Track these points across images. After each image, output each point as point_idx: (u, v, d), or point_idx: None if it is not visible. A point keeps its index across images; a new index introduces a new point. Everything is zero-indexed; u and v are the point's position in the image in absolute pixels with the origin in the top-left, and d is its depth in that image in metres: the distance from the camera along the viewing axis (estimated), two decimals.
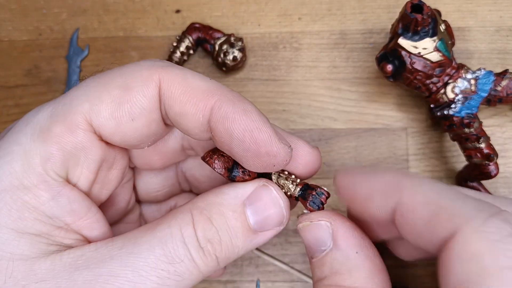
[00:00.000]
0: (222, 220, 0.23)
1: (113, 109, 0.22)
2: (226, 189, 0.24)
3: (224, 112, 0.22)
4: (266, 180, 0.25)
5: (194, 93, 0.22)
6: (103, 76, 0.23)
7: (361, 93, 0.39)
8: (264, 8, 0.41)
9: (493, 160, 0.33)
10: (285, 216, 0.25)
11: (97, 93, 0.22)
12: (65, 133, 0.22)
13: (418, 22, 0.31)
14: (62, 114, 0.22)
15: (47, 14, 0.43)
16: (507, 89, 0.34)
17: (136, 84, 0.22)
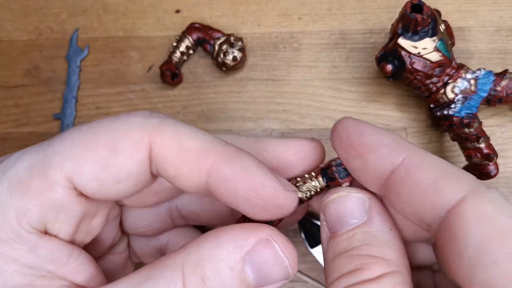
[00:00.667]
0: (218, 280, 0.21)
1: (97, 171, 0.21)
2: (224, 240, 0.21)
3: (223, 175, 0.21)
4: (271, 232, 0.22)
5: (188, 155, 0.21)
6: (90, 131, 0.22)
7: (361, 93, 0.39)
8: (264, 8, 0.41)
9: (493, 160, 0.33)
10: (291, 273, 0.22)
11: (82, 152, 0.21)
12: (43, 189, 0.21)
13: (418, 22, 0.31)
14: (43, 167, 0.21)
15: (47, 14, 0.43)
16: (507, 89, 0.34)
17: (125, 146, 0.21)
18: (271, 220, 0.23)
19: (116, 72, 0.41)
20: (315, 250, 0.36)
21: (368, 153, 0.21)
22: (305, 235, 0.36)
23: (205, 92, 0.40)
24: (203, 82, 0.40)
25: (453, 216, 0.19)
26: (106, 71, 0.41)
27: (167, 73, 0.39)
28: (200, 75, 0.40)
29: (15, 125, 0.41)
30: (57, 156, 0.21)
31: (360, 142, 0.22)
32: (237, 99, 0.40)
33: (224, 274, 0.21)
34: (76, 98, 0.41)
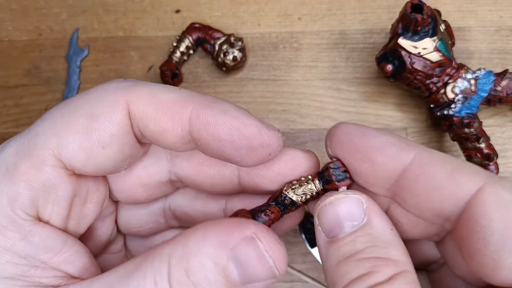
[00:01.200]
0: (201, 274, 0.21)
1: (81, 140, 0.21)
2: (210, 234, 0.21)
3: (204, 119, 0.21)
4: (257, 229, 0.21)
5: (167, 107, 0.21)
6: (67, 106, 0.22)
7: (361, 93, 0.39)
8: (264, 8, 0.41)
9: (493, 160, 0.33)
10: (277, 273, 0.22)
11: (63, 125, 0.21)
12: (31, 170, 0.21)
13: (418, 22, 0.31)
14: (28, 150, 0.21)
15: (47, 14, 0.43)
16: (507, 89, 0.34)
17: (102, 110, 0.21)
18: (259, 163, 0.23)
19: (116, 72, 0.41)
20: (315, 250, 0.36)
21: (376, 154, 0.21)
22: (305, 235, 0.36)
23: (205, 92, 0.40)
24: (203, 82, 0.40)
25: (474, 205, 0.19)
26: (106, 71, 0.41)
27: (167, 73, 0.39)
28: (200, 75, 0.40)
29: (15, 125, 0.41)
30: (40, 136, 0.21)
31: (366, 144, 0.21)
32: (237, 99, 0.40)
33: (209, 269, 0.21)
34: None
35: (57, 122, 0.21)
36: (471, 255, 0.19)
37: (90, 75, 0.41)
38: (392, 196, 0.22)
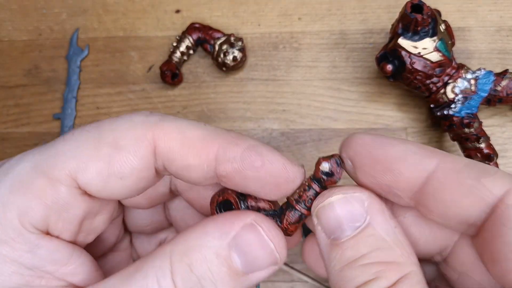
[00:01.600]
0: (204, 267, 0.21)
1: (101, 168, 0.21)
2: (210, 228, 0.22)
3: (231, 157, 0.21)
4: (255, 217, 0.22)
5: (194, 144, 0.22)
6: (93, 130, 0.22)
7: (361, 93, 0.39)
8: (264, 8, 0.41)
9: (493, 160, 0.33)
10: (278, 258, 0.22)
11: (85, 150, 0.21)
12: (46, 187, 0.21)
13: (418, 22, 0.31)
14: (46, 167, 0.21)
15: (47, 14, 0.43)
16: (507, 89, 0.34)
17: (127, 143, 0.22)
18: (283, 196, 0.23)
19: (116, 72, 0.41)
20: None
21: (398, 164, 0.20)
22: (305, 235, 0.36)
23: (205, 92, 0.40)
24: (203, 82, 0.40)
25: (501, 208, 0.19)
26: (106, 71, 0.41)
27: (167, 73, 0.39)
28: (200, 75, 0.40)
29: (15, 125, 0.41)
30: (60, 156, 0.21)
31: (387, 155, 0.21)
32: (237, 99, 0.40)
33: (211, 261, 0.21)
34: (76, 98, 0.41)
35: (80, 146, 0.22)
36: (495, 259, 0.19)
37: (90, 75, 0.41)
38: (415, 205, 0.21)
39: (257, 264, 0.22)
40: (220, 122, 0.39)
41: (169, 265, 0.21)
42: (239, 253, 0.21)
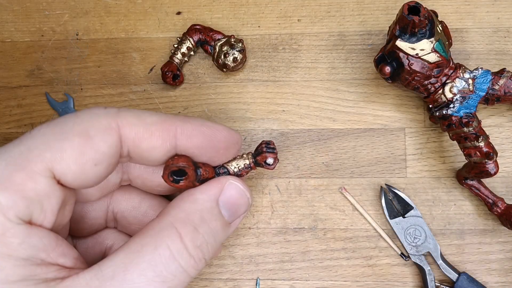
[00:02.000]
0: (206, 226, 0.26)
1: (76, 156, 0.23)
2: (197, 194, 0.27)
3: (189, 133, 0.27)
4: (230, 177, 0.29)
5: (155, 127, 0.26)
6: (59, 125, 0.24)
7: (360, 93, 0.39)
8: (264, 10, 0.41)
9: (492, 158, 0.33)
10: (250, 203, 0.29)
11: (58, 142, 0.23)
12: (27, 181, 0.22)
13: (415, 23, 0.31)
14: (21, 163, 0.22)
15: (49, 15, 0.43)
16: (505, 87, 0.34)
17: (97, 132, 0.24)
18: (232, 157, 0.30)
19: (117, 73, 0.41)
20: (393, 221, 0.37)
21: None
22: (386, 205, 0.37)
23: (205, 93, 0.40)
24: (204, 83, 0.41)
25: None
26: (108, 72, 0.41)
27: (169, 74, 0.39)
28: (201, 76, 0.41)
29: (17, 125, 0.41)
30: (34, 150, 0.23)
31: None
32: (237, 100, 0.40)
33: (209, 220, 0.26)
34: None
35: (51, 139, 0.23)
36: None
37: (92, 76, 0.41)
38: None
39: (238, 212, 0.29)
40: (221, 123, 0.40)
41: (176, 232, 0.25)
42: (226, 208, 0.28)
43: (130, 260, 0.23)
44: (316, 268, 0.37)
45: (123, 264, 0.23)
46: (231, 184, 0.28)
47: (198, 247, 0.25)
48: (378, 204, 0.38)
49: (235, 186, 0.28)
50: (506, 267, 0.37)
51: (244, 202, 0.29)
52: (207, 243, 0.26)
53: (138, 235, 0.25)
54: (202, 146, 0.28)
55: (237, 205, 0.29)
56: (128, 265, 0.23)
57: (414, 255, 0.36)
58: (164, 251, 0.24)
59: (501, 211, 0.35)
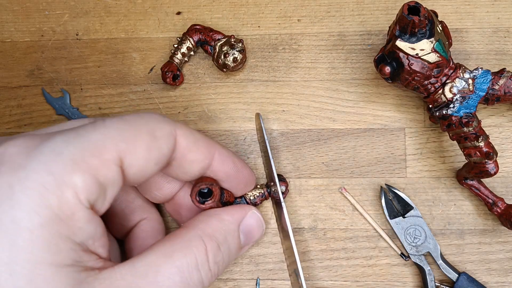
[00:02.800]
0: (226, 245, 0.29)
1: (145, 152, 0.25)
2: (224, 215, 0.31)
3: (224, 158, 0.31)
4: (253, 208, 0.33)
5: (202, 144, 0.29)
6: (130, 120, 0.25)
7: (360, 93, 0.39)
8: (264, 10, 0.41)
9: (492, 158, 0.33)
10: (263, 234, 0.35)
11: (131, 135, 0.24)
12: (101, 167, 0.23)
13: (415, 24, 0.31)
14: (97, 148, 0.23)
15: (49, 15, 0.43)
16: (505, 87, 0.34)
17: (163, 134, 0.26)
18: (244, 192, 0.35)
19: (117, 73, 0.41)
20: (392, 221, 0.37)
21: None
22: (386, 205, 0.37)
23: (205, 93, 0.40)
24: (203, 83, 0.41)
25: None
26: (108, 72, 0.41)
27: (169, 74, 0.39)
28: (201, 76, 0.41)
29: (17, 125, 0.41)
30: (109, 139, 0.24)
31: None
32: (237, 100, 0.40)
33: (230, 241, 0.30)
34: None
35: (125, 131, 0.24)
36: None
37: (92, 76, 0.41)
38: None
39: (252, 239, 0.33)
40: (221, 123, 0.40)
41: (203, 245, 0.27)
42: (244, 233, 0.32)
43: (162, 262, 0.26)
44: (316, 268, 0.37)
45: (155, 265, 0.25)
46: (253, 213, 0.33)
47: (216, 263, 0.28)
48: (378, 204, 0.38)
49: (256, 217, 0.33)
50: (506, 267, 0.37)
51: (259, 232, 0.34)
52: (223, 261, 0.29)
53: (168, 240, 0.27)
54: (230, 174, 0.31)
55: (254, 233, 0.33)
56: (160, 266, 0.25)
57: (414, 255, 0.36)
58: (192, 260, 0.26)
59: (501, 211, 0.35)
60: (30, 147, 0.22)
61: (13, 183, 0.21)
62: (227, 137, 0.40)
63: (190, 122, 0.40)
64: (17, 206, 0.20)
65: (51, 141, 0.23)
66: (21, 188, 0.21)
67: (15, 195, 0.20)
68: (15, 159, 0.22)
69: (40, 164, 0.21)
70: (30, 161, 0.21)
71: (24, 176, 0.21)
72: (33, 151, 0.22)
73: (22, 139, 0.23)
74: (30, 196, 0.21)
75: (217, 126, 0.40)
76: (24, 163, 0.21)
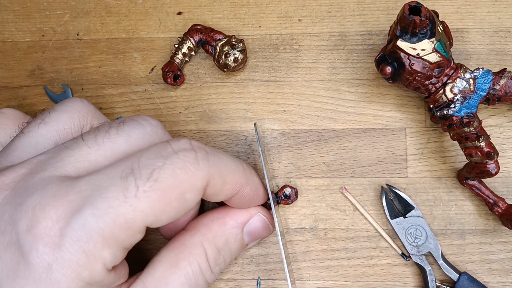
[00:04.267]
0: (227, 248, 0.30)
1: (171, 218, 0.25)
2: (227, 219, 0.31)
3: (245, 197, 0.30)
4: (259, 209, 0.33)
5: (228, 188, 0.28)
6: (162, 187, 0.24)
7: (360, 94, 0.39)
8: (265, 10, 0.41)
9: (493, 158, 0.33)
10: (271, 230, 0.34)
11: (161, 208, 0.24)
12: (130, 239, 0.24)
13: (416, 24, 0.31)
14: (127, 224, 0.23)
15: (50, 15, 0.43)
16: (506, 87, 0.34)
17: (192, 195, 0.25)
18: None
19: (118, 73, 0.41)
20: (393, 221, 0.36)
21: None
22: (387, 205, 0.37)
23: (206, 93, 0.40)
24: (204, 83, 0.41)
25: None
26: (109, 72, 0.41)
27: (170, 74, 0.39)
28: (201, 76, 0.41)
29: None
30: (138, 213, 0.23)
31: None
32: (238, 100, 0.40)
33: (232, 243, 0.31)
34: None
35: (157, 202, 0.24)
36: None
37: (92, 76, 0.41)
38: None
39: (258, 238, 0.33)
40: (222, 123, 0.40)
41: (204, 251, 0.29)
42: (248, 234, 0.32)
43: (170, 273, 0.27)
44: (317, 268, 0.37)
45: (164, 278, 0.27)
46: (259, 216, 0.33)
47: (218, 265, 0.30)
48: (379, 204, 0.38)
49: (262, 219, 0.33)
50: (507, 267, 0.37)
51: (265, 233, 0.34)
52: (225, 261, 0.30)
53: (171, 249, 0.29)
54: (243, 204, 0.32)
55: (259, 234, 0.33)
56: (168, 278, 0.27)
57: (415, 255, 0.36)
58: (196, 267, 0.28)
59: (502, 211, 0.35)
60: (61, 221, 0.23)
61: (52, 264, 0.22)
62: (228, 137, 0.40)
63: (190, 122, 0.40)
64: (56, 284, 0.22)
65: (81, 215, 0.23)
66: (58, 267, 0.22)
67: (53, 274, 0.22)
68: (51, 239, 0.22)
69: (73, 245, 0.22)
70: (65, 242, 0.22)
71: (61, 256, 0.22)
72: (65, 228, 0.23)
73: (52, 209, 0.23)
74: (66, 274, 0.22)
75: (217, 126, 0.40)
76: (60, 242, 0.22)
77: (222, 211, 0.32)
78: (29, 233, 0.22)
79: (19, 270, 0.22)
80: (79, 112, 0.30)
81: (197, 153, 0.25)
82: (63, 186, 0.24)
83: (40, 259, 0.22)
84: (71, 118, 0.29)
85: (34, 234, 0.22)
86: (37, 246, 0.22)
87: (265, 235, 0.34)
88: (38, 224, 0.22)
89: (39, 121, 0.29)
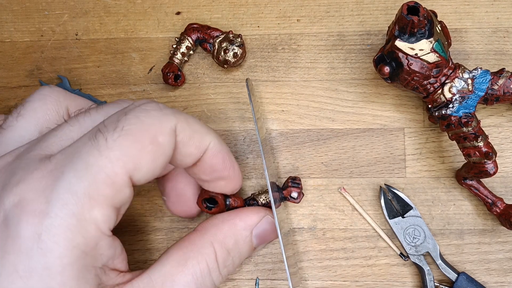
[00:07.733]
0: (237, 249, 0.30)
1: (151, 164, 0.24)
2: (237, 220, 0.31)
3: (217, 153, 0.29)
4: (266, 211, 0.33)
5: (197, 138, 0.27)
6: (131, 132, 0.24)
7: (359, 93, 0.39)
8: (263, 10, 0.41)
9: (492, 158, 0.33)
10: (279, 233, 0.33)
11: (137, 153, 0.24)
12: (115, 193, 0.23)
13: (415, 24, 0.31)
14: (109, 177, 0.23)
15: (49, 15, 0.43)
16: (504, 87, 0.34)
17: (165, 138, 0.25)
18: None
19: (117, 73, 0.41)
20: (392, 221, 0.37)
21: None
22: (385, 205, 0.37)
23: (205, 93, 0.40)
24: (203, 83, 0.41)
25: None
26: (108, 72, 0.41)
27: (170, 75, 0.39)
28: (200, 76, 0.41)
29: None
30: (117, 163, 0.23)
31: None
32: (236, 100, 0.40)
33: (241, 245, 0.31)
34: None
35: (130, 148, 0.24)
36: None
37: (91, 76, 0.41)
38: None
39: (266, 242, 0.33)
40: (220, 123, 0.40)
41: (214, 252, 0.29)
42: (257, 237, 0.32)
43: (177, 271, 0.27)
44: (316, 268, 0.38)
45: (171, 275, 0.27)
46: (267, 219, 0.33)
47: (226, 266, 0.30)
48: (377, 204, 0.38)
49: (271, 222, 0.33)
50: (506, 267, 0.37)
51: (273, 236, 0.33)
52: (233, 264, 0.30)
53: (181, 247, 0.29)
54: (216, 169, 0.30)
55: (268, 237, 0.33)
56: (175, 276, 0.27)
57: (413, 255, 0.36)
58: (204, 267, 0.28)
59: (500, 211, 0.35)
60: (46, 189, 0.22)
61: (41, 232, 0.21)
62: (227, 137, 0.40)
63: None
64: (48, 254, 0.22)
65: (64, 179, 0.23)
66: (49, 235, 0.22)
67: (44, 243, 0.21)
68: (37, 207, 0.22)
69: (61, 209, 0.22)
70: (52, 207, 0.22)
71: (50, 223, 0.22)
72: (51, 195, 0.22)
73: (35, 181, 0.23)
74: (58, 242, 0.22)
75: (216, 126, 0.40)
76: (47, 209, 0.22)
77: (232, 213, 0.32)
78: (16, 208, 0.22)
79: (8, 246, 0.21)
80: (51, 97, 0.30)
81: (159, 104, 0.26)
82: (45, 161, 0.24)
83: (28, 230, 0.21)
84: (45, 104, 0.30)
85: (20, 207, 0.22)
86: (24, 218, 0.21)
87: (273, 238, 0.34)
88: (23, 197, 0.22)
89: (15, 115, 0.29)
